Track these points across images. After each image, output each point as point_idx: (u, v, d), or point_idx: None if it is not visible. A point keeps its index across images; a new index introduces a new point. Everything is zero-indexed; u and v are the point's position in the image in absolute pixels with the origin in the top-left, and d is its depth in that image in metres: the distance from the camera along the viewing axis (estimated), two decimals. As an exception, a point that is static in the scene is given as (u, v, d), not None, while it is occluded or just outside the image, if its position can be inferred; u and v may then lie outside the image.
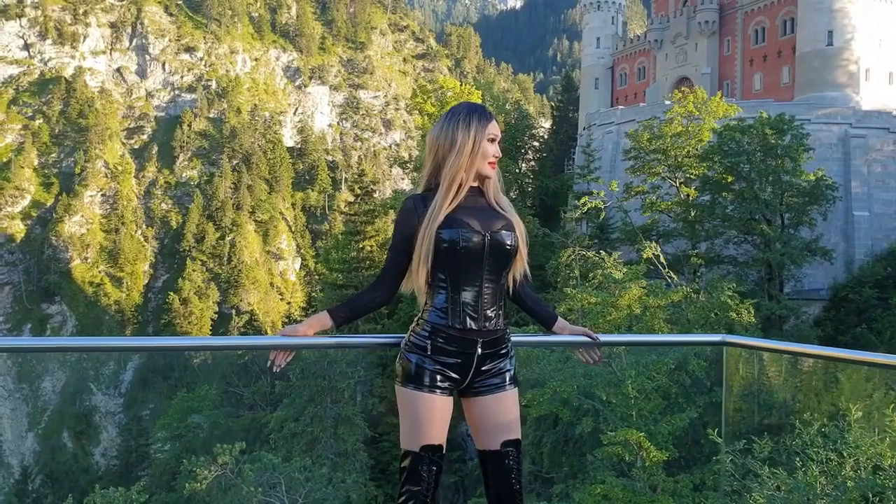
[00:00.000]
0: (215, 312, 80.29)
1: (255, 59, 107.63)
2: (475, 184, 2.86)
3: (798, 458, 6.11)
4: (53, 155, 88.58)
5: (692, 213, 35.44)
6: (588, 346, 3.17)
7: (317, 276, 71.03)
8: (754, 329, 20.62)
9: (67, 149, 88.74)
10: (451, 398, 2.81)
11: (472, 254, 2.74)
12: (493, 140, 2.84)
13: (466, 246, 2.72)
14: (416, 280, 2.79)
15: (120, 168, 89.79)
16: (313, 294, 49.88)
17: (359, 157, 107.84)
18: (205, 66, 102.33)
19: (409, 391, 2.77)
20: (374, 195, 46.98)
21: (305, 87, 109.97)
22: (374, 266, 36.35)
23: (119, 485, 20.92)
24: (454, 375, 2.79)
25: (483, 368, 2.82)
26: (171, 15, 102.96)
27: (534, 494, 24.08)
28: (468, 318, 2.76)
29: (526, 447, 27.08)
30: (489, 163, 2.82)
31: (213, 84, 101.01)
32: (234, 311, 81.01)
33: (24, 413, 69.35)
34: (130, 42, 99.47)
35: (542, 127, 70.91)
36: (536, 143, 58.54)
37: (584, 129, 55.62)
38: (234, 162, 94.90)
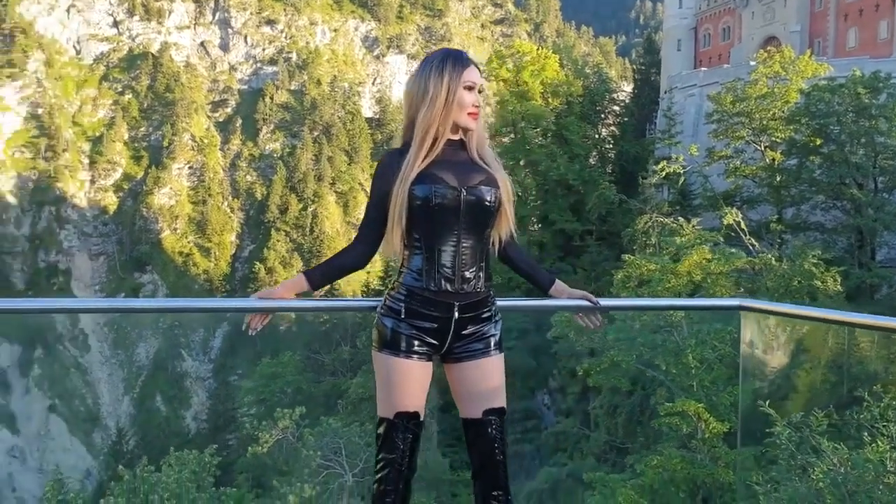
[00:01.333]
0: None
1: (335, 30, 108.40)
2: (455, 137, 2.69)
3: (866, 433, 5.78)
4: (143, 129, 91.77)
5: (778, 178, 34.02)
6: (588, 311, 3.00)
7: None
8: (839, 298, 19.67)
9: (155, 123, 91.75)
10: (429, 364, 2.69)
11: (447, 211, 2.58)
12: (470, 88, 2.63)
13: (440, 203, 2.56)
14: (392, 241, 2.65)
15: (206, 141, 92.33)
16: (391, 263, 50.26)
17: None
18: (285, 38, 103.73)
19: (385, 356, 2.65)
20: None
21: (383, 56, 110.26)
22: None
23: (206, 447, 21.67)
24: (431, 340, 2.66)
25: (463, 333, 2.68)
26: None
27: (609, 464, 23.85)
28: (444, 280, 2.62)
29: (600, 417, 26.82)
30: (468, 113, 2.64)
31: (294, 56, 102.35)
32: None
33: (120, 378, 72.82)
34: (213, 16, 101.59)
35: (623, 91, 69.14)
36: (616, 108, 57.15)
37: (665, 92, 54.01)
38: (315, 133, 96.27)
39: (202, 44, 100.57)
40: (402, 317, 2.63)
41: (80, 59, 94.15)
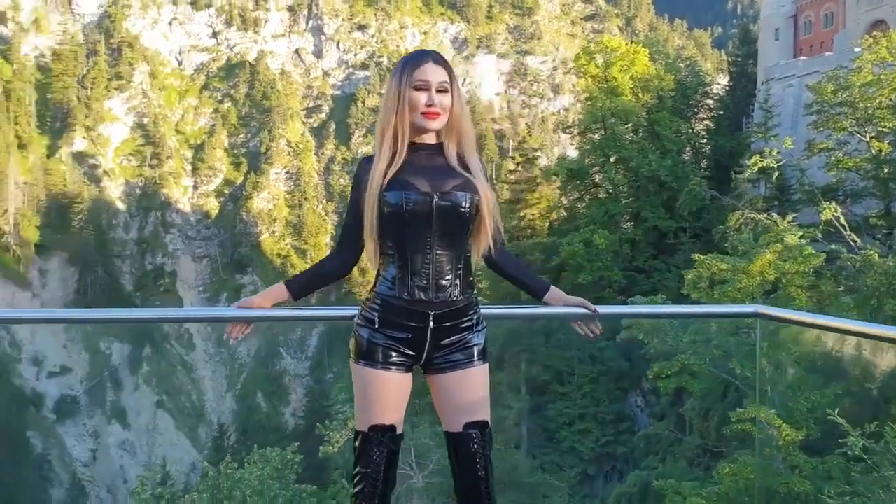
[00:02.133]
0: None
1: (424, 33, 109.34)
2: (430, 141, 2.60)
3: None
4: (241, 135, 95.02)
5: (885, 170, 32.26)
6: (586, 319, 2.87)
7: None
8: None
9: (253, 129, 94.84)
10: (408, 375, 2.61)
11: (419, 218, 2.49)
12: (422, 88, 2.52)
13: (411, 209, 2.48)
14: (367, 248, 2.62)
15: (301, 146, 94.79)
16: (478, 263, 50.33)
17: (526, 123, 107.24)
18: (376, 42, 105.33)
19: (360, 367, 2.58)
20: (538, 162, 46.48)
21: (472, 56, 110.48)
22: (536, 234, 36.08)
23: (294, 442, 22.22)
24: (408, 351, 2.58)
25: (442, 343, 2.59)
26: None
27: (702, 468, 23.18)
28: (417, 289, 2.53)
29: (694, 420, 26.04)
30: (422, 113, 2.52)
31: (385, 60, 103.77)
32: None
33: (223, 375, 75.58)
34: (307, 24, 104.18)
35: (718, 83, 66.98)
36: (711, 101, 55.44)
37: (762, 83, 52.05)
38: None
39: (296, 51, 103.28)
40: (377, 327, 2.57)
41: (182, 70, 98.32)
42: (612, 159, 39.88)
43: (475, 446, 2.60)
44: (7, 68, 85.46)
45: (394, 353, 2.57)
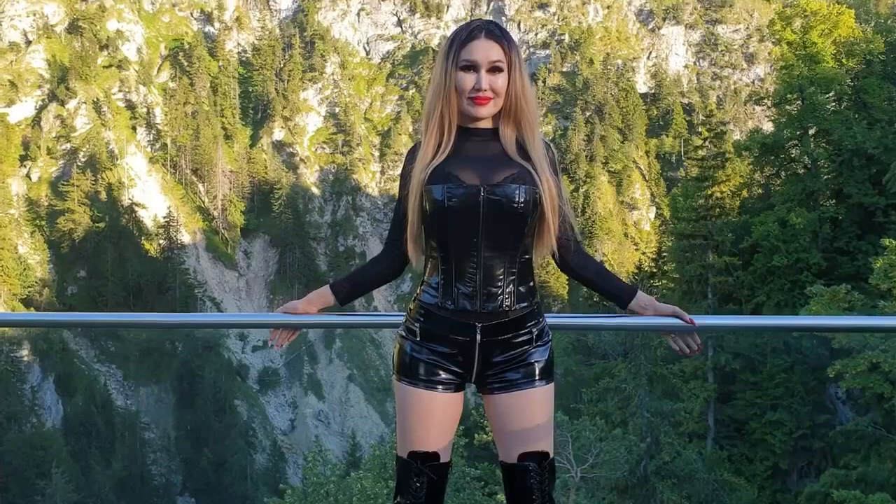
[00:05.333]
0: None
1: (607, 7, 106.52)
2: (483, 125, 2.27)
3: None
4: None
5: None
6: (681, 332, 2.42)
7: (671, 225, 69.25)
8: None
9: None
10: (457, 395, 2.31)
11: (465, 215, 2.18)
12: (469, 68, 2.20)
13: (455, 205, 2.17)
14: (409, 252, 2.34)
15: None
16: (664, 243, 48.56)
17: (717, 96, 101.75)
18: (557, 20, 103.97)
19: (402, 386, 2.31)
20: (729, 136, 43.87)
21: (659, 29, 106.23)
22: (725, 214, 34.10)
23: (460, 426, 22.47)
24: (455, 368, 2.28)
25: (495, 360, 2.27)
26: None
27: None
28: (462, 297, 2.24)
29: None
30: (471, 98, 2.21)
31: (566, 38, 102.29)
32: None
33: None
34: (488, 6, 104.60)
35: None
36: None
37: None
38: (587, 114, 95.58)
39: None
40: (420, 339, 2.30)
41: (370, 59, 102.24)
42: (811, 132, 36.84)
43: (532, 481, 2.26)
44: (214, 65, 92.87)
45: (439, 371, 2.29)
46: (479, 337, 2.26)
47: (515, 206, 2.20)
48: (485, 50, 2.20)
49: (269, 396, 69.33)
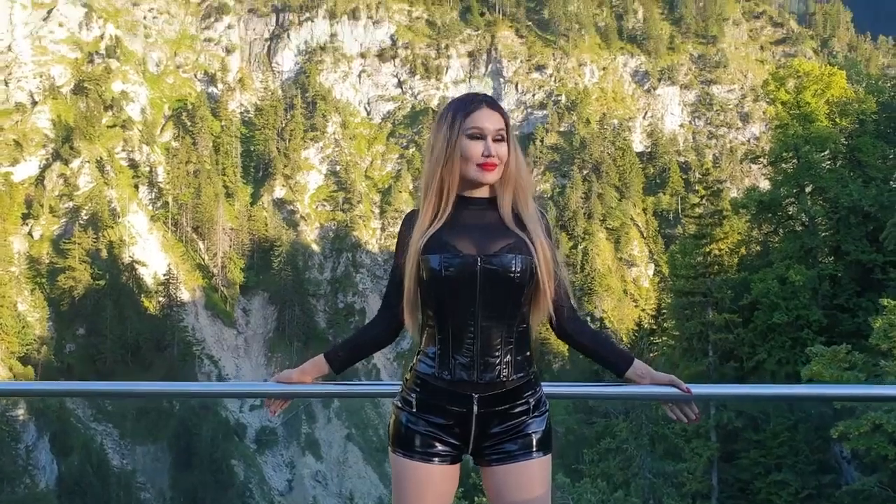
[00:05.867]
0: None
1: (603, 69, 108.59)
2: (480, 194, 2.30)
3: None
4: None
5: None
6: (678, 401, 2.39)
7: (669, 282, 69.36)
8: None
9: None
10: (453, 467, 2.29)
11: (462, 284, 2.17)
12: (477, 136, 2.24)
13: (450, 274, 2.17)
14: (405, 321, 2.30)
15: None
16: (663, 300, 48.52)
17: (713, 155, 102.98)
18: (554, 81, 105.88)
19: (399, 458, 2.27)
20: (726, 194, 44.19)
21: (654, 89, 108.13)
22: (724, 271, 34.19)
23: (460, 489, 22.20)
24: (452, 440, 2.26)
25: (492, 431, 2.25)
26: (521, 37, 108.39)
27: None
28: (459, 368, 2.22)
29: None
30: (478, 165, 2.23)
31: (563, 98, 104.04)
32: (587, 319, 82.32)
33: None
34: (486, 68, 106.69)
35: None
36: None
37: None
38: (585, 172, 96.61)
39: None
40: (416, 410, 2.27)
41: (371, 119, 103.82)
42: (807, 190, 37.20)
43: None
44: (216, 124, 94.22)
45: (436, 443, 2.26)
46: (475, 408, 2.24)
47: (512, 275, 2.20)
48: (490, 119, 2.26)
49: (266, 456, 68.37)
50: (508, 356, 2.24)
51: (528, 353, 2.30)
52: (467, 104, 2.28)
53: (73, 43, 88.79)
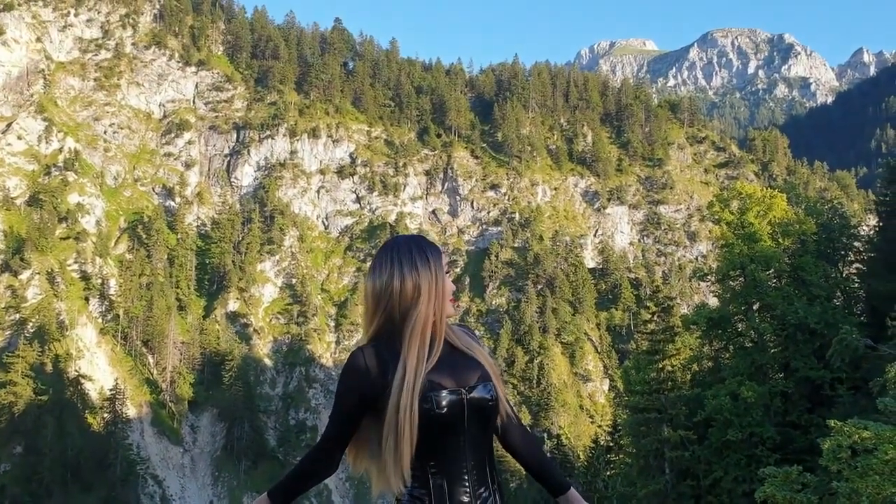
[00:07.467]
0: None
1: (555, 189, 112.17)
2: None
3: None
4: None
5: None
6: None
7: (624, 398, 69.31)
8: None
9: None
10: None
11: (449, 422, 2.14)
12: (448, 273, 2.33)
13: (441, 413, 2.12)
14: (396, 464, 2.15)
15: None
16: (619, 416, 48.39)
17: (662, 272, 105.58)
18: (508, 200, 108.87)
19: None
20: (676, 310, 45.04)
21: (604, 208, 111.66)
22: (677, 387, 34.49)
23: None
24: None
25: None
26: (476, 158, 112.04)
27: None
28: None
29: None
30: (451, 300, 2.30)
31: (517, 216, 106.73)
32: (544, 436, 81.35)
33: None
34: (443, 186, 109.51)
35: (867, 225, 63.95)
36: (859, 244, 52.73)
37: (915, 222, 49.20)
38: (539, 287, 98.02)
39: (433, 211, 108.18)
40: None
41: (328, 233, 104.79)
42: (755, 307, 38.19)
43: None
44: (172, 237, 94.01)
45: None
46: None
47: (490, 404, 2.20)
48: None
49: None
50: (495, 483, 2.26)
51: (499, 478, 2.31)
52: (436, 246, 2.33)
53: (30, 155, 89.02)
